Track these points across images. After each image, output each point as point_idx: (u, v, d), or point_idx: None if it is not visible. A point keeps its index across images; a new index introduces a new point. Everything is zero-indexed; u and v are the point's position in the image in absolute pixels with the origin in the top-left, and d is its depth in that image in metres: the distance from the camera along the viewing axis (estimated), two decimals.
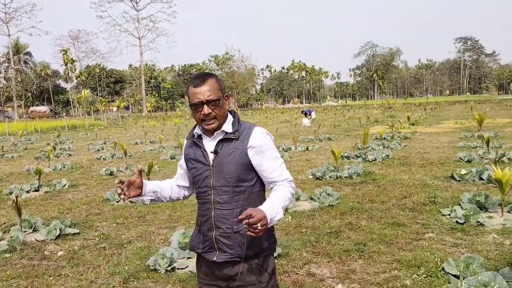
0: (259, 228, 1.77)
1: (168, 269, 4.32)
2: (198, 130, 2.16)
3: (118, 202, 7.54)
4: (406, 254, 4.45)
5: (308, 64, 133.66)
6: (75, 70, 79.18)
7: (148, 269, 4.39)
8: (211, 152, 2.09)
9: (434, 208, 6.11)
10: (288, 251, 4.68)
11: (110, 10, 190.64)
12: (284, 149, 14.20)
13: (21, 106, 76.98)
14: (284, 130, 23.50)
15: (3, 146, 19.16)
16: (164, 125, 36.73)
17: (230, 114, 2.16)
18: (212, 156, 2.08)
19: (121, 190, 2.03)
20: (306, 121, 27.28)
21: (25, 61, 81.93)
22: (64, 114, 67.41)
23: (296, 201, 6.82)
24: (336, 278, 4.02)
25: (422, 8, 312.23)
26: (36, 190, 8.95)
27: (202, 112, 2.03)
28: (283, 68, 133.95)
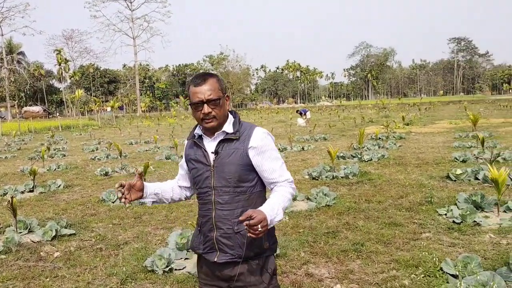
0: (259, 229, 1.77)
1: (165, 270, 4.30)
2: (199, 130, 2.15)
3: (114, 202, 7.50)
4: (404, 254, 4.45)
5: (302, 64, 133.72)
6: (68, 70, 78.68)
7: (146, 270, 4.37)
8: (212, 153, 2.08)
9: (431, 208, 6.13)
10: (286, 252, 4.67)
11: (104, 9, 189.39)
12: (279, 149, 14.19)
13: (14, 106, 76.38)
14: (280, 130, 23.51)
15: None
16: (158, 125, 36.62)
17: (231, 115, 2.15)
18: (212, 157, 2.07)
19: (121, 194, 2.03)
20: (301, 121, 27.31)
21: (18, 61, 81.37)
22: (58, 114, 67.09)
23: (293, 201, 6.81)
24: (334, 278, 4.02)
25: (416, 8, 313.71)
26: (31, 191, 8.89)
27: (202, 111, 2.02)
28: (277, 68, 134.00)
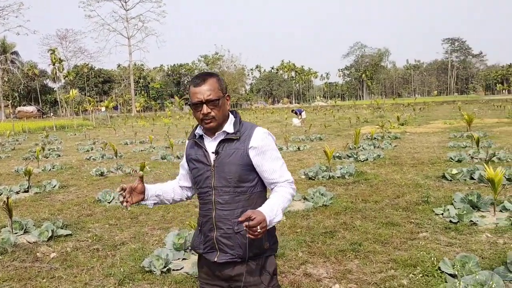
0: (258, 230, 1.77)
1: (163, 271, 4.28)
2: (200, 130, 2.15)
3: (110, 203, 7.47)
4: (401, 254, 4.46)
5: (297, 64, 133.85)
6: (63, 69, 78.16)
7: (143, 270, 4.35)
8: (212, 153, 2.08)
9: (427, 207, 6.15)
10: (284, 252, 4.67)
11: (99, 9, 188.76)
12: None
13: (8, 106, 75.92)
14: (275, 130, 23.50)
15: None
16: (153, 125, 36.53)
17: (232, 114, 2.15)
18: (213, 157, 2.07)
19: (123, 198, 2.03)
20: (297, 121, 27.33)
21: (12, 61, 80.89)
22: (52, 114, 66.77)
23: None
24: (333, 278, 4.02)
25: (410, 9, 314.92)
26: (26, 191, 8.83)
27: (202, 111, 2.02)
28: (272, 68, 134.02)
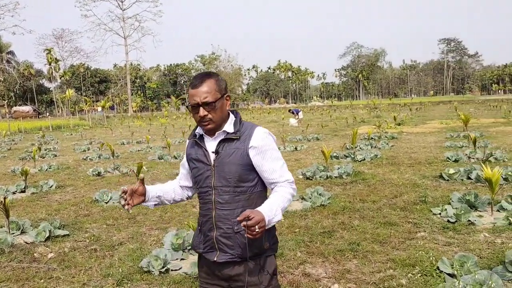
0: (257, 230, 1.76)
1: (162, 271, 4.27)
2: (200, 130, 2.14)
3: (107, 203, 7.43)
4: (400, 253, 4.47)
5: (294, 65, 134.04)
6: (59, 69, 78.20)
7: (142, 271, 4.34)
8: (213, 152, 2.07)
9: (425, 207, 6.16)
10: (282, 251, 4.67)
11: (95, 9, 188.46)
12: None
13: (4, 106, 75.51)
14: (272, 130, 23.33)
15: None
16: (150, 125, 36.48)
17: (232, 114, 2.14)
18: (213, 156, 2.06)
19: (124, 201, 2.04)
20: (294, 121, 27.34)
21: (7, 60, 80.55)
22: (48, 114, 66.51)
23: None
24: (331, 278, 4.02)
25: (406, 9, 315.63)
26: (23, 191, 8.79)
27: (198, 114, 2.01)
28: (269, 68, 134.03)
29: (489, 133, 16.26)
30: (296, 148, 14.42)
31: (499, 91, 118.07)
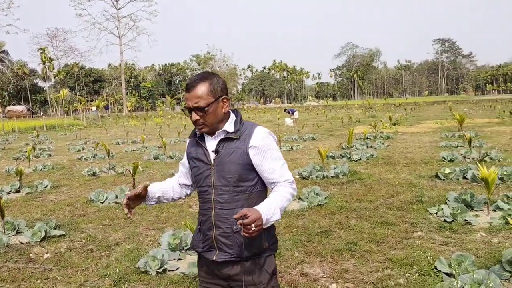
0: (253, 229, 1.75)
1: (159, 271, 4.25)
2: None
3: (103, 203, 7.40)
4: (397, 253, 4.47)
5: (289, 64, 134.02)
6: (53, 69, 77.75)
7: (139, 271, 4.31)
8: (212, 151, 2.06)
9: (421, 207, 6.17)
10: (280, 251, 4.66)
11: (90, 8, 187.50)
12: None
13: None
14: None
15: None
16: (145, 125, 36.37)
17: (233, 113, 2.13)
18: (213, 155, 2.05)
19: (127, 210, 2.07)
20: (289, 121, 27.36)
21: (1, 60, 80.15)
22: (42, 113, 66.21)
23: None
24: (329, 277, 4.02)
25: (401, 10, 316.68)
26: (17, 191, 8.73)
27: (191, 117, 2.01)
28: (264, 68, 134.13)
29: (483, 133, 16.34)
30: (292, 148, 14.43)
31: (493, 91, 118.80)
